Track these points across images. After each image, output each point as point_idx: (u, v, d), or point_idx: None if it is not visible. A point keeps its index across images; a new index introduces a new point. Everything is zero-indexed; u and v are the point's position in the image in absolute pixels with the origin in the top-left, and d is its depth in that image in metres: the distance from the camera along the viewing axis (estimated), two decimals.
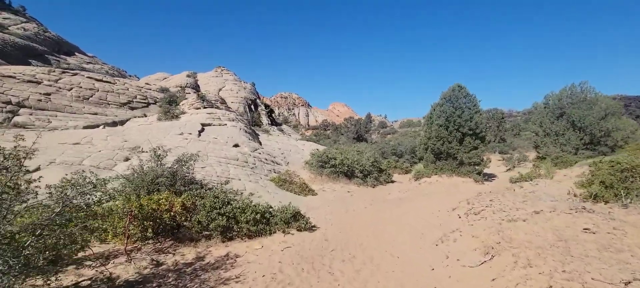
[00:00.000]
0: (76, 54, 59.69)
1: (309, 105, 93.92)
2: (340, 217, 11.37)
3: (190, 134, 19.56)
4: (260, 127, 36.05)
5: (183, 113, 24.75)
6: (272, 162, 20.34)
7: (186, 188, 11.00)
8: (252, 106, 52.95)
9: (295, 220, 9.34)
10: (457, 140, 20.10)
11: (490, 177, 21.02)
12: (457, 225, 8.90)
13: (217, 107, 25.51)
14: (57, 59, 50.52)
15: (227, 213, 8.13)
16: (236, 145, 19.66)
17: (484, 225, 8.00)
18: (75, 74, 27.26)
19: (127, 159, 15.06)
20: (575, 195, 10.76)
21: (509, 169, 23.87)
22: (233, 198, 9.53)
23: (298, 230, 9.10)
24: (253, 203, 9.25)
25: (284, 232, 8.84)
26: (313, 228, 9.56)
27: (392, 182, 21.02)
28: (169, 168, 11.33)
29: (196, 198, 8.81)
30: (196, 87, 48.50)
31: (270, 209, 9.42)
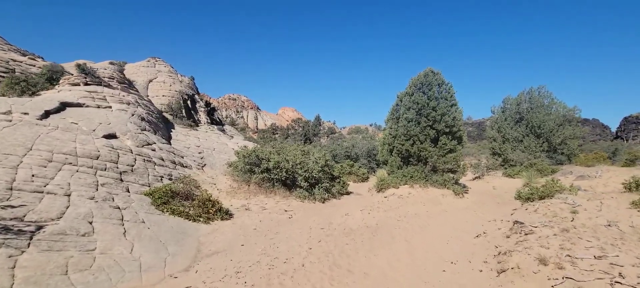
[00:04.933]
0: None
1: (258, 108, 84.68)
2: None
3: (24, 114, 10.80)
4: (189, 122, 27.31)
5: (51, 89, 15.52)
6: (174, 163, 12.41)
7: None
8: (189, 102, 43.48)
9: None
10: (431, 140, 14.35)
11: (462, 186, 15.58)
12: None
13: (108, 86, 16.66)
14: None
15: None
16: (111, 136, 11.39)
17: None
18: None
19: None
20: None
21: (477, 177, 18.93)
22: None
23: None
24: None
25: None
26: None
27: (348, 193, 14.44)
28: None
29: None
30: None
31: None
